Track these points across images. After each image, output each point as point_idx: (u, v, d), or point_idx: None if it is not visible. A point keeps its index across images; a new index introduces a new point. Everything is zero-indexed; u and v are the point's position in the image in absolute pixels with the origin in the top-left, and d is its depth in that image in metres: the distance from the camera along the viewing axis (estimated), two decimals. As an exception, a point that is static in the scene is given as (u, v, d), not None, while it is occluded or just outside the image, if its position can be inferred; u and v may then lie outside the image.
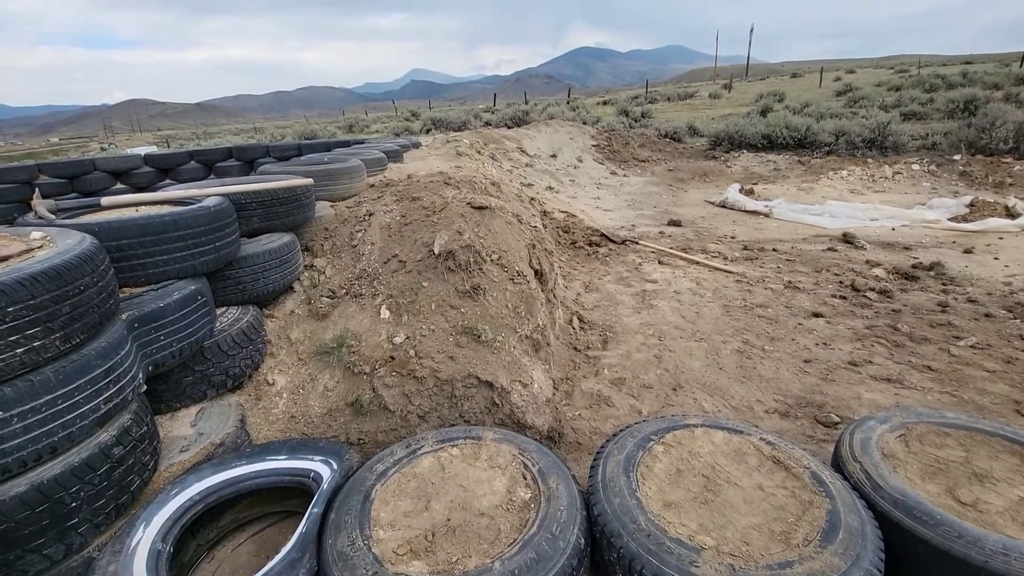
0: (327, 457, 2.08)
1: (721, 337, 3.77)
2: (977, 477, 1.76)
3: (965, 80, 18.19)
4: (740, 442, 1.97)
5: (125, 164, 8.04)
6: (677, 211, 8.05)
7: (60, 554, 1.66)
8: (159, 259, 2.18)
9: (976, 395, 2.96)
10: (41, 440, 1.56)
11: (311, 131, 20.95)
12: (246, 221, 2.91)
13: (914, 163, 9.23)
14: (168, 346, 2.10)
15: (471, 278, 2.96)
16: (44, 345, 1.54)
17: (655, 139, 14.44)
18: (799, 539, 1.53)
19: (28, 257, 1.63)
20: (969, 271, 4.87)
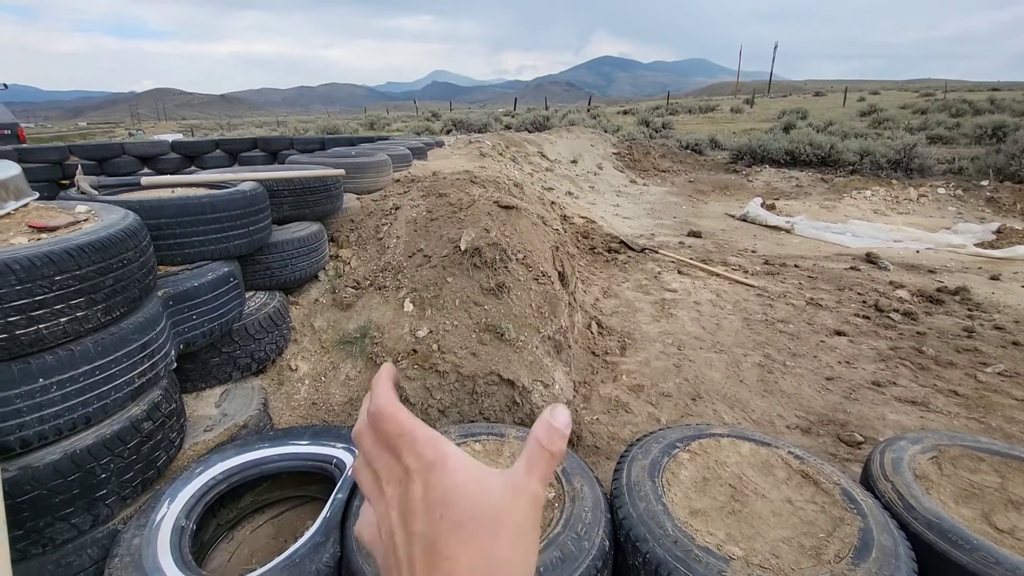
0: (350, 445, 2.08)
1: (742, 350, 3.73)
2: (1014, 504, 1.72)
3: (993, 106, 17.94)
4: (768, 454, 1.94)
5: (153, 149, 8.19)
6: (697, 222, 8.00)
7: (87, 524, 1.67)
8: (195, 240, 2.21)
9: (1004, 423, 2.90)
10: (77, 409, 1.58)
11: (333, 126, 21.19)
12: (277, 208, 2.94)
13: (940, 187, 9.10)
14: (200, 325, 2.13)
15: (496, 276, 2.96)
16: (86, 316, 1.56)
17: (676, 150, 14.40)
18: (831, 555, 1.50)
19: (75, 229, 1.66)
20: (996, 298, 4.78)
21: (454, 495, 0.35)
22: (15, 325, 1.40)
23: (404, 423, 0.38)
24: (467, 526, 0.35)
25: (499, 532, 0.35)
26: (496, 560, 0.34)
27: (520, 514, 0.35)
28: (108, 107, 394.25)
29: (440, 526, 0.35)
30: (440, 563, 0.34)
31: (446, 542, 0.34)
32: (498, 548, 0.34)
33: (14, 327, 1.40)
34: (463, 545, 0.34)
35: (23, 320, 1.41)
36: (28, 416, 1.47)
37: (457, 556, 0.34)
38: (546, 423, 0.37)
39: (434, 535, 0.35)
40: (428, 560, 0.35)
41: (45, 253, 1.44)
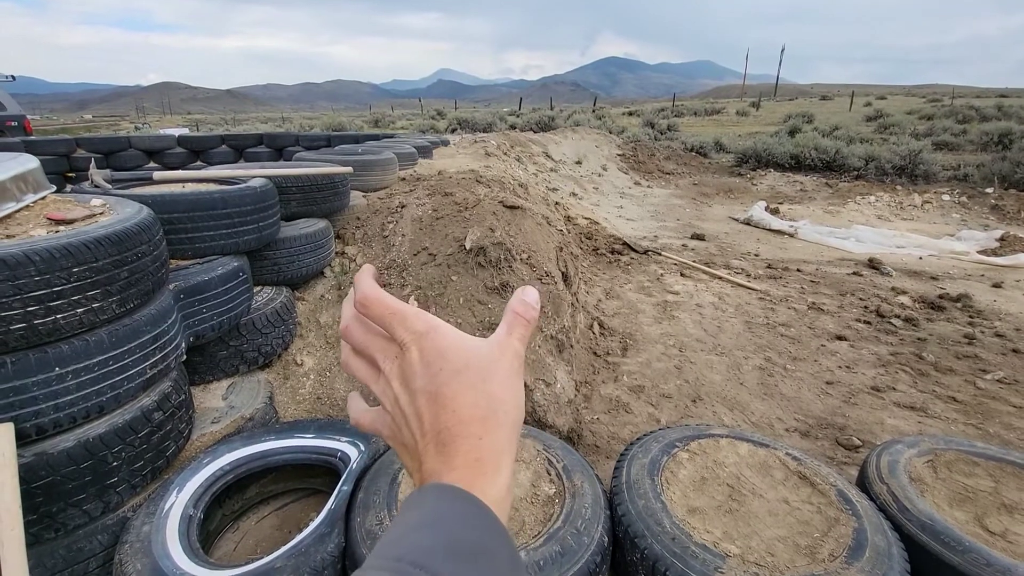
0: (354, 439, 2.12)
1: (743, 353, 3.76)
2: (1007, 508, 1.75)
3: (1000, 113, 17.90)
4: (765, 455, 1.97)
5: (159, 144, 8.24)
6: (701, 225, 8.02)
7: (98, 511, 1.71)
8: (206, 234, 2.25)
9: (1002, 429, 2.92)
10: (91, 399, 1.62)
11: (339, 124, 21.25)
12: (286, 205, 2.98)
13: (944, 193, 9.10)
14: (209, 319, 2.16)
15: (500, 275, 2.99)
16: (102, 307, 1.60)
17: (681, 152, 14.41)
18: (825, 554, 1.53)
19: (92, 222, 1.70)
20: (998, 305, 4.79)
21: (448, 351, 0.40)
22: (34, 315, 1.44)
23: (391, 304, 0.42)
24: (464, 373, 0.40)
25: (491, 377, 0.40)
26: (492, 398, 0.40)
27: (507, 363, 0.41)
28: (113, 100, 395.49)
29: (440, 377, 0.40)
30: (445, 404, 0.39)
31: (447, 387, 0.39)
32: (492, 388, 0.40)
33: (33, 317, 1.44)
34: (462, 388, 0.39)
35: (42, 310, 1.45)
36: (44, 404, 1.51)
37: (458, 396, 0.39)
38: (519, 298, 0.44)
39: (435, 385, 0.40)
40: (434, 406, 0.40)
41: (64, 245, 1.48)
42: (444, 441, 0.39)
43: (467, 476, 0.37)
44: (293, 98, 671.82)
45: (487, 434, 0.39)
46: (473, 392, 0.39)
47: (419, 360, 0.40)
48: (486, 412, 0.39)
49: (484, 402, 0.39)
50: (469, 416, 0.39)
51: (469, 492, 0.36)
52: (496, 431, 0.39)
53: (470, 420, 0.39)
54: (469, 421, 0.39)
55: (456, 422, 0.39)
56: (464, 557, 0.32)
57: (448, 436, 0.39)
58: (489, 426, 0.39)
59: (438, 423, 0.39)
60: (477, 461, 0.38)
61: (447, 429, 0.39)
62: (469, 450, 0.38)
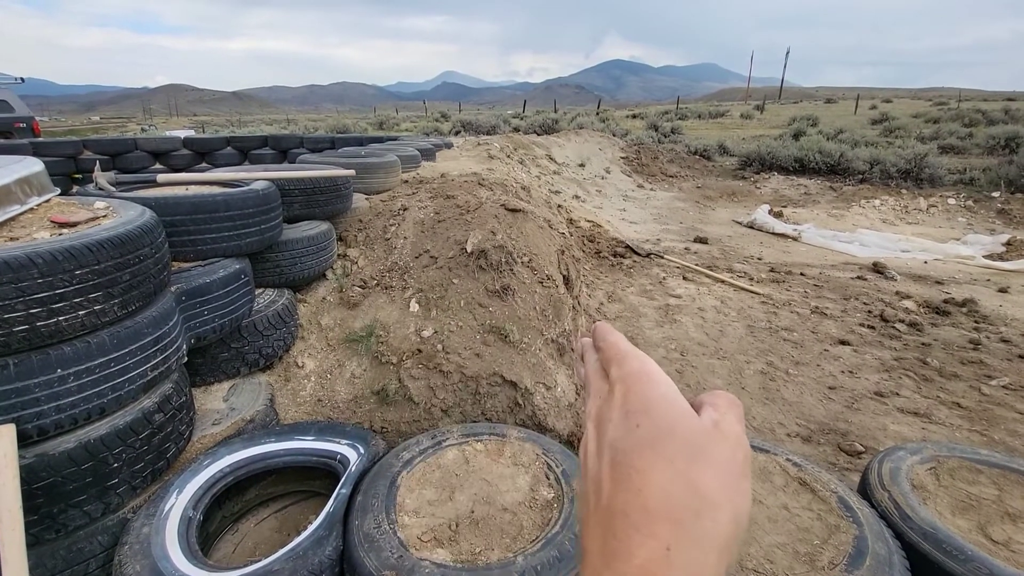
0: (353, 441, 2.12)
1: (744, 357, 3.74)
2: (1010, 516, 1.73)
3: (1007, 117, 17.78)
4: (765, 461, 1.96)
5: (165, 145, 8.30)
6: (704, 228, 8.00)
7: (99, 512, 1.72)
8: (208, 237, 2.26)
9: (1007, 436, 2.90)
10: (92, 400, 1.63)
11: (343, 125, 21.33)
12: (288, 207, 2.99)
13: (950, 197, 9.05)
14: (210, 321, 2.17)
15: (501, 278, 2.99)
16: (104, 309, 1.61)
17: (684, 155, 14.39)
18: (824, 562, 1.52)
19: (94, 224, 1.71)
20: (1004, 310, 4.75)
21: (655, 405, 0.32)
22: (36, 317, 1.45)
23: (618, 343, 0.38)
24: (666, 441, 0.31)
25: (703, 460, 0.30)
26: (698, 493, 0.29)
27: (727, 450, 0.31)
28: (121, 102, 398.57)
29: (635, 435, 0.32)
30: (629, 476, 0.31)
31: (639, 453, 0.31)
32: (701, 478, 0.30)
33: (35, 319, 1.45)
34: (657, 461, 0.30)
35: (44, 312, 1.46)
36: (46, 405, 1.52)
37: (649, 472, 0.30)
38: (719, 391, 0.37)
39: (627, 445, 0.32)
40: (619, 471, 0.31)
41: (67, 248, 1.49)
42: (615, 531, 0.30)
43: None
44: (298, 100, 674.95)
45: (680, 547, 0.28)
46: (671, 473, 0.30)
47: (620, 405, 0.34)
48: (684, 511, 0.29)
49: (684, 494, 0.29)
50: (656, 507, 0.29)
51: None
52: (694, 547, 0.28)
53: (657, 514, 0.29)
54: (655, 515, 0.29)
55: (638, 509, 0.30)
56: None
57: (622, 525, 0.30)
58: (685, 535, 0.28)
59: (615, 501, 0.31)
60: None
61: (623, 515, 0.30)
62: (647, 563, 0.28)
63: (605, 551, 0.30)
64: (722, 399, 0.35)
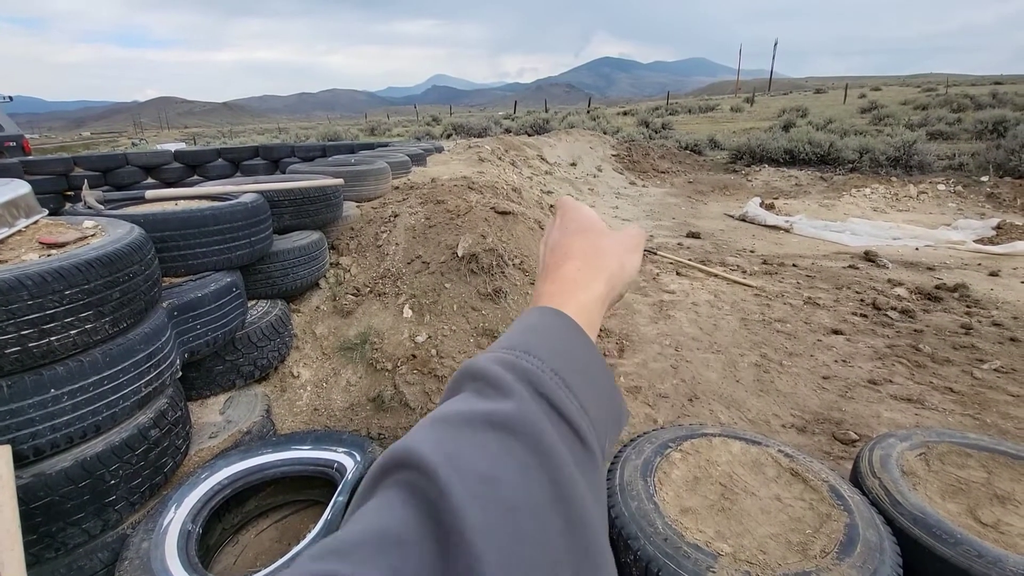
0: (351, 449, 2.13)
1: (739, 350, 3.77)
2: (999, 499, 1.75)
3: (995, 101, 17.90)
4: (758, 453, 1.98)
5: (156, 159, 8.28)
6: (696, 223, 8.04)
7: (97, 529, 1.73)
8: (198, 251, 2.27)
9: (999, 419, 2.93)
10: (87, 418, 1.64)
11: (334, 133, 21.33)
12: (278, 218, 3.00)
13: (940, 183, 9.11)
14: (203, 335, 2.19)
15: (493, 281, 3.01)
16: (95, 328, 1.62)
17: (675, 151, 14.43)
18: (816, 551, 1.54)
19: (83, 244, 1.72)
20: (995, 294, 4.79)
21: (578, 218, 0.55)
22: (28, 338, 1.46)
23: (567, 199, 0.60)
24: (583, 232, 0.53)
25: (604, 237, 0.53)
26: (599, 248, 0.51)
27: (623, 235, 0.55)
28: (111, 117, 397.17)
29: (565, 232, 0.53)
30: (561, 250, 0.52)
31: (567, 237, 0.53)
32: (602, 243, 0.52)
33: (27, 340, 1.46)
34: (578, 238, 0.52)
35: (35, 333, 1.47)
36: (41, 425, 1.53)
37: (573, 243, 0.52)
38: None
39: (560, 237, 0.53)
40: (554, 252, 0.52)
41: (55, 269, 1.50)
42: (550, 269, 0.51)
43: (560, 289, 0.47)
44: (289, 108, 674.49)
45: (585, 267, 0.49)
46: (584, 242, 0.51)
47: (558, 224, 0.55)
48: (589, 254, 0.50)
49: (591, 249, 0.51)
50: (573, 254, 0.50)
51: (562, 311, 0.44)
52: (594, 268, 0.49)
53: (573, 257, 0.50)
54: (572, 257, 0.50)
55: (561, 256, 0.51)
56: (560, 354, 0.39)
57: (554, 265, 0.51)
58: (588, 263, 0.49)
59: (551, 260, 0.52)
60: (573, 281, 0.48)
61: (556, 265, 0.51)
62: (566, 274, 0.49)
63: (543, 277, 0.51)
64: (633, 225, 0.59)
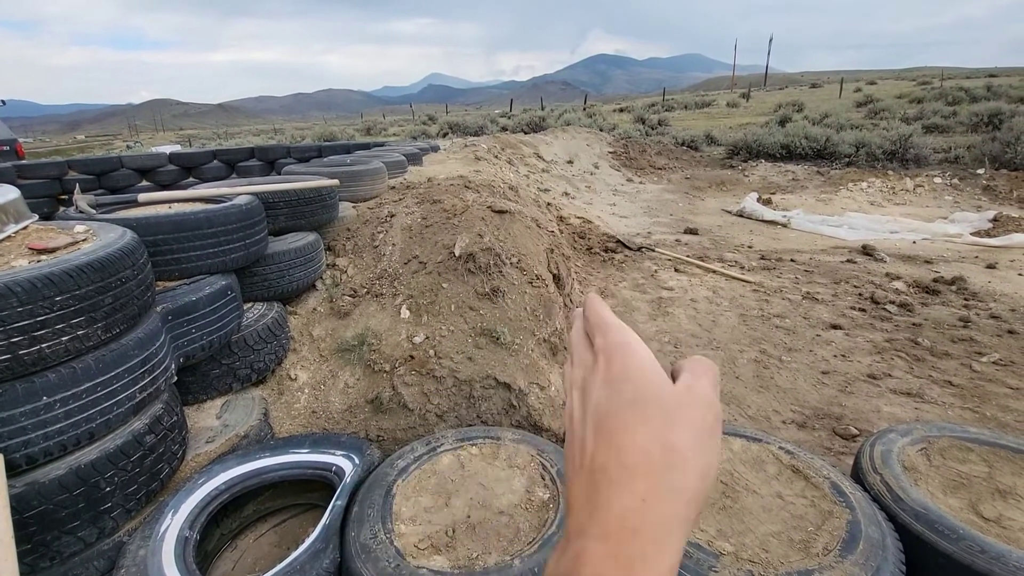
0: (348, 452, 2.12)
1: (738, 346, 3.76)
2: (1000, 493, 1.75)
3: (989, 93, 17.91)
4: (759, 450, 1.97)
5: (151, 162, 8.24)
6: (694, 219, 8.03)
7: (93, 537, 1.71)
8: (192, 254, 2.25)
9: (999, 412, 2.93)
10: (80, 425, 1.62)
11: (330, 133, 21.26)
12: (273, 220, 2.98)
13: (936, 176, 9.11)
14: (199, 339, 2.17)
15: (491, 280, 3.00)
16: (87, 334, 1.60)
17: (672, 147, 14.42)
18: (819, 548, 1.53)
19: (74, 249, 1.70)
20: (992, 286, 4.80)
21: (634, 373, 0.35)
22: (18, 345, 1.44)
23: (603, 314, 0.40)
24: (643, 404, 0.33)
25: (676, 423, 0.33)
26: (670, 451, 0.32)
27: (699, 413, 0.34)
28: (106, 119, 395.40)
29: (616, 400, 0.34)
30: (611, 436, 0.33)
31: (619, 416, 0.34)
32: (674, 438, 0.32)
33: (17, 347, 1.44)
34: (636, 422, 0.33)
35: (26, 340, 1.45)
36: (33, 433, 1.51)
37: (628, 432, 0.33)
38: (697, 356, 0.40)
39: (609, 407, 0.34)
40: (601, 433, 0.34)
41: (46, 275, 1.48)
42: (597, 485, 0.33)
43: (617, 551, 0.30)
44: (285, 109, 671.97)
45: (654, 498, 0.31)
46: (648, 433, 0.32)
47: (603, 374, 0.36)
48: (658, 467, 0.31)
49: (658, 452, 0.32)
50: (634, 463, 0.32)
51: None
52: (667, 498, 0.31)
53: (634, 469, 0.32)
54: (632, 470, 0.32)
55: (617, 465, 0.32)
56: None
57: (604, 480, 0.32)
58: (658, 487, 0.31)
59: (597, 459, 0.33)
60: (634, 532, 0.30)
61: (604, 470, 0.33)
62: (625, 512, 0.31)
63: (588, 505, 0.33)
64: (699, 365, 0.38)
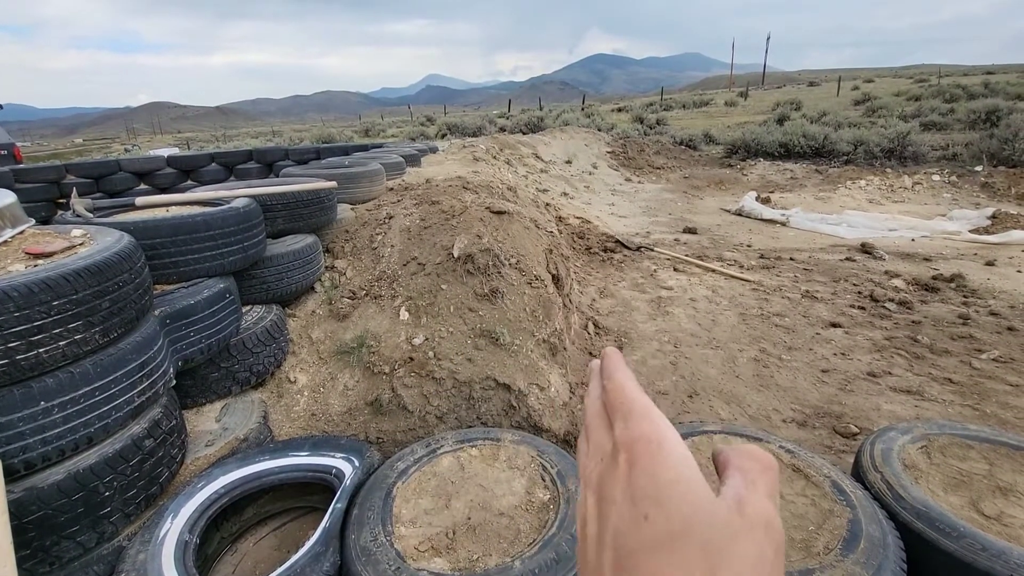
0: (348, 454, 2.11)
1: (737, 345, 3.76)
2: (1001, 490, 1.74)
3: (987, 90, 17.92)
4: (759, 450, 1.97)
5: (149, 165, 8.23)
6: (692, 218, 8.03)
7: (93, 542, 1.71)
8: (190, 258, 2.25)
9: (999, 409, 2.92)
10: (79, 430, 1.61)
11: (328, 135, 21.25)
12: (271, 222, 2.97)
13: (934, 174, 9.12)
14: (197, 342, 2.16)
15: (489, 281, 2.99)
16: (85, 338, 1.59)
17: (670, 146, 14.43)
18: (820, 547, 1.53)
19: (71, 253, 1.70)
20: (991, 283, 4.80)
21: (666, 492, 0.26)
22: (15, 350, 1.43)
23: (626, 387, 0.31)
24: (678, 544, 0.24)
25: (722, 564, 0.24)
26: None
27: (755, 548, 0.25)
28: (103, 123, 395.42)
29: (643, 531, 0.25)
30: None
31: (648, 557, 0.25)
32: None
33: (14, 352, 1.43)
34: (671, 568, 0.24)
35: (23, 345, 1.45)
36: (31, 438, 1.50)
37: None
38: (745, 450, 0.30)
39: (633, 543, 0.26)
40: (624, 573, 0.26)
41: (42, 279, 1.47)
42: None
43: None
44: (283, 111, 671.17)
45: None
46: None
47: (625, 483, 0.27)
48: None
49: None
50: None
51: None
52: None
53: None
54: None
55: None
56: None
57: None
58: None
59: None
60: None
61: None
62: None
63: None
64: (753, 463, 0.28)
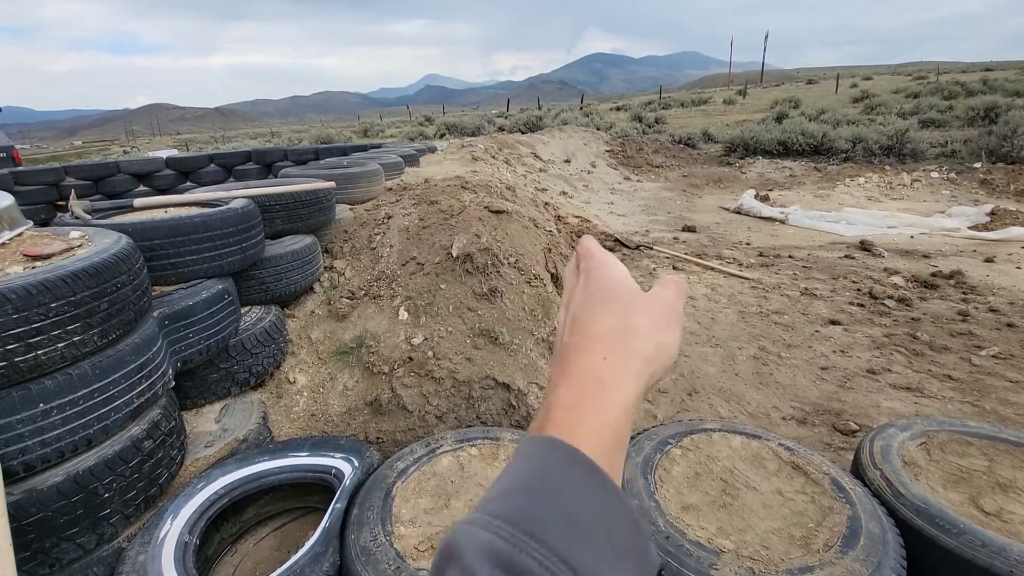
0: (348, 454, 2.11)
1: (737, 343, 3.76)
2: (1001, 487, 1.75)
3: (985, 87, 17.94)
4: (758, 447, 1.97)
5: (148, 167, 8.22)
6: (691, 217, 8.03)
7: (92, 543, 1.71)
8: (188, 259, 2.25)
9: (998, 405, 2.93)
10: (78, 432, 1.61)
11: (327, 135, 21.25)
12: (270, 223, 2.97)
13: (933, 171, 9.12)
14: (196, 343, 2.16)
15: (488, 281, 2.99)
16: (83, 340, 1.59)
17: (669, 145, 14.42)
18: (819, 544, 1.53)
19: (69, 255, 1.70)
20: (990, 280, 4.80)
21: (607, 282, 0.43)
22: (14, 353, 1.43)
23: (590, 246, 0.47)
24: (609, 302, 0.42)
25: (635, 310, 0.41)
26: (629, 328, 0.40)
27: (655, 305, 0.42)
28: (103, 125, 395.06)
29: (588, 301, 0.42)
30: (583, 325, 0.41)
31: (590, 310, 0.42)
32: (632, 320, 0.41)
33: (13, 355, 1.43)
34: (602, 313, 0.41)
35: (21, 347, 1.45)
36: (30, 440, 1.50)
37: (595, 320, 0.41)
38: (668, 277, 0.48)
39: (582, 307, 0.42)
40: (575, 324, 0.42)
41: (40, 281, 1.47)
42: (568, 356, 0.40)
43: (581, 390, 0.37)
44: (281, 112, 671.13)
45: (613, 356, 0.39)
46: (610, 318, 0.40)
47: (583, 287, 0.44)
48: (617, 337, 0.39)
49: (619, 329, 0.40)
50: (599, 335, 0.40)
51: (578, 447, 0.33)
52: (625, 356, 0.39)
53: (599, 340, 0.39)
54: (597, 340, 0.39)
55: (584, 338, 0.40)
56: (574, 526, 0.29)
57: (573, 351, 0.40)
58: (616, 349, 0.39)
59: (570, 340, 0.41)
60: (596, 381, 0.37)
61: (576, 346, 0.40)
62: (589, 367, 0.38)
63: (559, 367, 0.40)
64: (668, 280, 0.47)
